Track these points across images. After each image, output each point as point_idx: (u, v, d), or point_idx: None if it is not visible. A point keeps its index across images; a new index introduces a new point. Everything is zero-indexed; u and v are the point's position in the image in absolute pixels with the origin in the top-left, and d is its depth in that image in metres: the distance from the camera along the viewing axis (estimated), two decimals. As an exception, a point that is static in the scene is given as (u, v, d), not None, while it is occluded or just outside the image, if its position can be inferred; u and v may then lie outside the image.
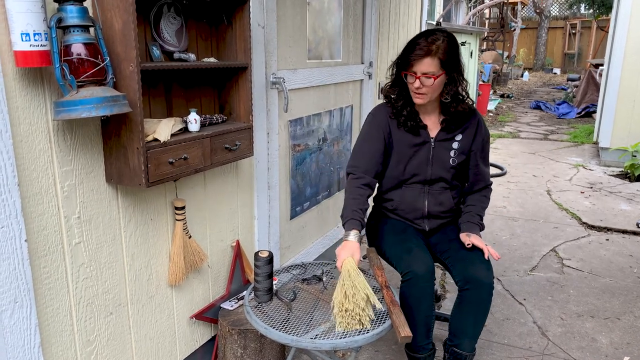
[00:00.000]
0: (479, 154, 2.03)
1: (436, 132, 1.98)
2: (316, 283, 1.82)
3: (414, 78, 1.85)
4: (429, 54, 1.80)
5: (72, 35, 1.30)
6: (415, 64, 1.82)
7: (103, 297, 1.59)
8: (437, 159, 1.98)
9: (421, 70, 1.81)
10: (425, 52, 1.80)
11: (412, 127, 1.96)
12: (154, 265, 1.77)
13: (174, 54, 1.68)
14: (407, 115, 1.96)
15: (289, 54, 2.43)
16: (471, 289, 1.85)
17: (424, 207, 2.03)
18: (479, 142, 2.01)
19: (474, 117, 2.01)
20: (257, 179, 2.26)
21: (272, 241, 2.44)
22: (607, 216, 4.05)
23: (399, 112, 1.98)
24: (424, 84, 1.83)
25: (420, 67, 1.81)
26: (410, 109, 1.96)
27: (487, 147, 2.06)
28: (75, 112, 1.26)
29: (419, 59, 1.81)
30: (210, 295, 2.07)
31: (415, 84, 1.84)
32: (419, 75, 1.82)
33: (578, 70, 18.09)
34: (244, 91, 1.89)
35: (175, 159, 1.57)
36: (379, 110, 2.04)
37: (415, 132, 1.97)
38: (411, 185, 2.02)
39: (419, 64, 1.81)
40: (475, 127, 1.99)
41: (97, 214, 1.53)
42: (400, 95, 1.98)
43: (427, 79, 1.82)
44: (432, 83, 1.83)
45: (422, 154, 1.98)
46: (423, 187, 2.01)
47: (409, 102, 1.97)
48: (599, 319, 2.57)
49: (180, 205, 1.79)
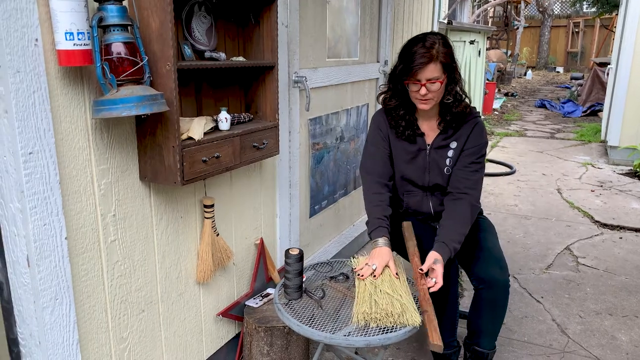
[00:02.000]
0: (469, 157, 1.91)
1: (433, 137, 1.95)
2: (344, 281, 1.83)
3: (418, 86, 1.78)
4: (432, 59, 1.74)
5: (112, 34, 1.31)
6: (419, 72, 1.75)
7: (136, 294, 1.60)
8: (433, 165, 1.96)
9: (426, 77, 1.76)
10: (428, 59, 1.74)
11: (409, 135, 1.94)
12: (183, 263, 1.79)
13: (205, 53, 1.69)
14: (405, 125, 1.93)
15: (310, 53, 2.44)
16: (486, 288, 1.86)
17: (429, 209, 2.03)
18: (470, 146, 1.92)
19: (471, 121, 1.94)
20: (280, 177, 2.27)
21: (292, 239, 2.45)
22: (619, 214, 4.06)
23: (397, 123, 1.95)
24: (430, 89, 1.78)
25: (424, 74, 1.75)
26: (409, 117, 1.93)
27: (479, 154, 1.93)
28: (116, 111, 1.27)
29: (423, 67, 1.74)
30: (235, 292, 2.08)
31: (422, 91, 1.78)
32: (424, 83, 1.76)
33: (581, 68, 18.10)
34: (271, 90, 1.90)
35: (208, 157, 1.58)
36: (379, 117, 2.02)
37: (412, 140, 1.95)
38: (413, 191, 2.02)
39: (423, 71, 1.75)
40: (469, 131, 1.93)
41: (131, 212, 1.54)
42: (400, 105, 1.94)
43: (432, 84, 1.77)
44: (438, 88, 1.79)
45: (418, 161, 1.97)
46: (424, 193, 2.01)
47: (410, 110, 1.94)
48: (617, 317, 2.58)
49: (209, 203, 1.80)
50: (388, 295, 1.63)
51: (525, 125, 8.49)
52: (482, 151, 1.95)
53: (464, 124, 1.93)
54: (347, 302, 1.70)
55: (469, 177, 1.91)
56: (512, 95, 12.27)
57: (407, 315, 1.57)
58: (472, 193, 1.91)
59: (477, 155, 1.92)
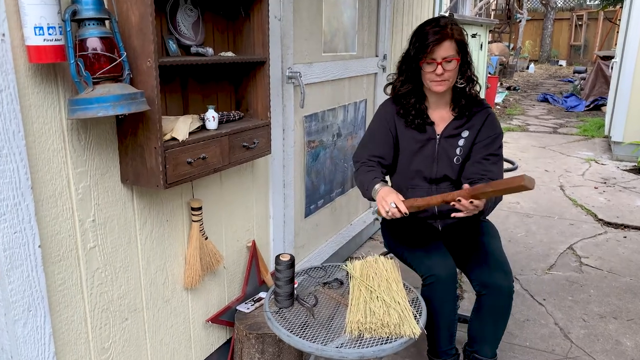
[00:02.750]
0: (483, 150, 1.87)
1: (443, 127, 1.90)
2: (338, 287, 1.75)
3: (434, 65, 1.76)
4: (447, 37, 1.74)
5: (87, 28, 1.22)
6: (435, 50, 1.74)
7: (118, 302, 1.53)
8: (443, 155, 1.90)
9: (441, 55, 1.74)
10: (443, 36, 1.73)
11: (419, 124, 1.89)
12: (170, 268, 1.71)
13: (191, 48, 1.60)
14: (415, 114, 1.89)
15: (304, 47, 2.35)
16: (489, 294, 1.79)
17: (433, 207, 1.95)
18: (484, 136, 1.87)
19: (484, 111, 1.91)
20: (273, 177, 2.18)
21: (286, 240, 2.37)
22: (623, 212, 3.97)
23: (408, 111, 1.90)
24: (446, 68, 1.76)
25: (440, 51, 1.74)
26: (419, 106, 1.89)
27: (494, 146, 1.88)
28: (91, 111, 1.19)
29: (439, 43, 1.73)
30: (226, 297, 2.00)
31: (438, 70, 1.75)
32: (440, 61, 1.74)
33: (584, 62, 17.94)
34: (262, 87, 1.82)
35: (193, 158, 1.50)
36: (386, 107, 1.98)
37: (421, 129, 1.90)
38: (418, 185, 1.94)
39: (439, 49, 1.74)
40: (482, 120, 1.88)
41: (112, 217, 1.46)
42: (410, 93, 1.90)
43: (448, 63, 1.75)
44: (454, 67, 1.77)
45: (427, 151, 1.91)
46: (430, 187, 1.94)
47: (420, 98, 1.90)
48: (622, 321, 2.50)
49: (196, 205, 1.72)
50: (384, 304, 1.55)
51: (527, 120, 8.38)
52: (499, 142, 1.90)
53: (477, 113, 1.89)
54: (340, 310, 1.63)
55: (489, 169, 1.85)
56: (515, 89, 12.15)
57: (404, 325, 1.49)
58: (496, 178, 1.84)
59: (494, 146, 1.88)
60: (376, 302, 1.55)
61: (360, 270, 1.77)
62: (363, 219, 3.28)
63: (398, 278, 1.74)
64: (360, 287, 1.65)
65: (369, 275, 1.72)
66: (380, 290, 1.61)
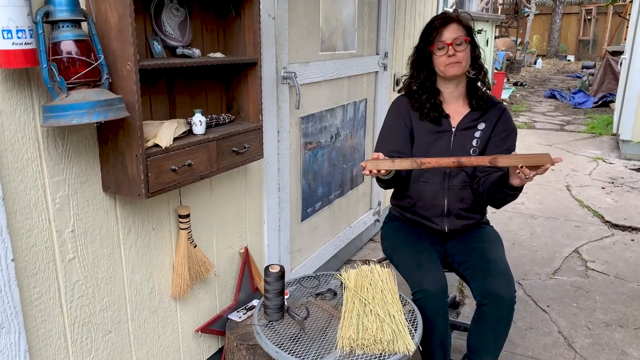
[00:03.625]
0: (500, 143, 1.86)
1: (459, 120, 1.89)
2: (331, 298, 1.68)
3: (445, 48, 1.79)
4: (454, 20, 1.81)
5: (61, 31, 1.16)
6: (444, 32, 1.79)
7: (100, 315, 1.47)
8: (458, 148, 1.88)
9: (451, 37, 1.79)
10: (449, 19, 1.81)
11: (435, 117, 1.89)
12: (157, 277, 1.65)
13: (177, 50, 1.53)
14: (430, 107, 1.89)
15: (301, 46, 2.27)
16: (490, 304, 1.72)
17: (443, 203, 1.89)
18: (500, 130, 1.88)
19: (499, 106, 1.93)
20: (267, 180, 2.12)
21: (282, 245, 2.30)
22: (631, 214, 3.87)
23: (422, 105, 1.90)
24: (457, 49, 1.79)
25: (449, 33, 1.79)
26: (434, 100, 1.89)
27: (510, 141, 1.89)
28: (64, 119, 1.13)
29: (445, 26, 1.79)
30: (217, 305, 1.94)
31: (449, 52, 1.78)
32: (450, 42, 1.78)
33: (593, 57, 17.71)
34: (253, 88, 1.75)
35: (178, 165, 1.43)
36: (400, 100, 1.99)
37: (437, 121, 1.90)
38: (431, 180, 1.89)
39: (447, 31, 1.79)
40: (498, 114, 1.90)
41: (93, 227, 1.40)
42: (423, 87, 1.91)
43: (459, 44, 1.79)
44: (465, 47, 1.81)
45: (442, 143, 1.88)
46: (442, 183, 1.89)
47: (433, 93, 1.90)
48: (628, 329, 2.42)
49: (184, 213, 1.65)
50: (378, 318, 1.48)
51: (534, 117, 8.26)
52: (514, 137, 1.91)
53: (492, 107, 1.90)
54: (333, 324, 1.56)
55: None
56: (522, 85, 11.99)
57: (398, 341, 1.42)
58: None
59: (510, 141, 1.88)
60: (370, 316, 1.48)
61: (355, 280, 1.70)
62: (363, 221, 3.21)
63: (394, 289, 1.67)
64: (354, 299, 1.58)
65: (363, 286, 1.66)
66: (375, 303, 1.54)
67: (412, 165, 1.51)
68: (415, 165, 1.50)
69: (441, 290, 1.72)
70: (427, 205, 1.93)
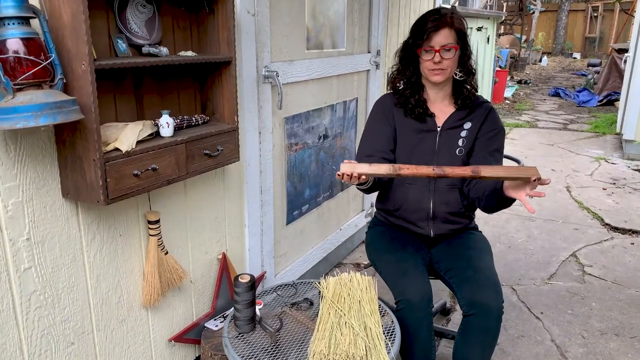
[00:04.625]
0: (487, 144, 1.79)
1: (444, 119, 1.82)
2: (307, 308, 1.61)
3: (432, 53, 1.71)
4: (446, 24, 1.70)
5: (7, 29, 1.09)
6: (433, 37, 1.70)
7: (62, 326, 1.40)
8: (444, 148, 1.81)
9: (440, 43, 1.70)
10: (442, 23, 1.70)
11: (419, 114, 1.81)
12: (125, 285, 1.58)
13: (143, 48, 1.46)
14: (414, 103, 1.82)
15: (284, 44, 2.19)
16: (477, 314, 1.64)
17: (429, 206, 1.82)
18: (486, 130, 1.80)
19: (485, 105, 1.85)
20: (248, 183, 2.04)
21: (265, 250, 2.23)
22: (632, 216, 3.78)
23: (407, 100, 1.83)
24: (444, 57, 1.71)
25: (438, 39, 1.70)
26: (418, 97, 1.82)
27: (498, 142, 1.82)
28: (8, 122, 1.06)
29: (437, 31, 1.70)
30: (193, 313, 1.87)
31: (435, 59, 1.70)
32: (438, 49, 1.70)
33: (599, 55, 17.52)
34: (228, 88, 1.67)
35: (141, 170, 1.36)
36: (384, 99, 1.92)
37: (421, 119, 1.82)
38: (415, 181, 1.82)
39: (437, 36, 1.70)
40: (484, 114, 1.82)
41: (52, 234, 1.33)
42: (408, 83, 1.84)
43: (447, 51, 1.70)
44: (453, 55, 1.72)
45: (427, 143, 1.82)
46: (428, 185, 1.81)
47: (417, 89, 1.83)
48: (624, 338, 2.33)
49: (153, 218, 1.58)
50: (352, 331, 1.41)
51: (537, 116, 8.14)
52: (502, 137, 1.83)
53: (479, 106, 1.83)
54: (307, 336, 1.49)
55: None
56: (525, 83, 11.86)
57: (372, 357, 1.35)
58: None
59: (497, 141, 1.80)
60: (343, 329, 1.41)
61: (333, 289, 1.63)
62: (355, 223, 3.13)
63: (373, 299, 1.60)
64: (329, 310, 1.51)
65: (341, 296, 1.58)
66: (351, 315, 1.47)
67: (389, 171, 1.43)
68: (392, 170, 1.42)
69: (425, 300, 1.65)
70: (412, 209, 1.86)
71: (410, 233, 1.91)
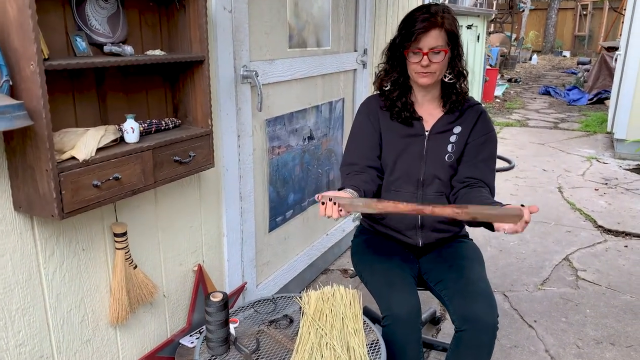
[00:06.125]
0: (478, 150, 1.69)
1: (433, 123, 1.71)
2: (286, 326, 1.50)
3: (420, 55, 1.59)
4: (436, 25, 1.58)
5: (-60, 24, 0.97)
6: (422, 38, 1.58)
7: (16, 350, 1.28)
8: (432, 153, 1.70)
9: (428, 45, 1.58)
10: (431, 24, 1.57)
11: (406, 118, 1.71)
12: (90, 303, 1.46)
13: (104, 47, 1.34)
14: (401, 107, 1.71)
15: (264, 42, 2.08)
16: (470, 329, 1.54)
17: (417, 215, 1.71)
18: (477, 135, 1.70)
19: (476, 107, 1.74)
20: (226, 189, 1.93)
21: (245, 259, 2.12)
22: (625, 218, 3.71)
23: (393, 103, 1.72)
24: (433, 60, 1.59)
25: (427, 41, 1.58)
26: (405, 99, 1.71)
27: (489, 148, 1.72)
28: (-59, 130, 0.94)
29: (426, 32, 1.57)
30: (167, 329, 1.76)
31: (423, 62, 1.59)
32: (426, 52, 1.58)
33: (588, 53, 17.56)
34: (201, 89, 1.56)
35: (102, 180, 1.24)
36: (369, 101, 1.81)
37: (408, 123, 1.71)
38: (402, 188, 1.71)
39: (426, 38, 1.58)
40: (475, 117, 1.72)
41: (2, 251, 1.21)
42: (395, 84, 1.72)
43: (436, 54, 1.59)
44: (442, 58, 1.60)
45: (414, 148, 1.71)
46: (416, 192, 1.71)
47: (405, 91, 1.72)
48: (620, 348, 2.25)
49: (119, 231, 1.47)
50: (334, 354, 1.30)
51: (527, 114, 8.09)
52: (494, 143, 1.73)
53: (469, 108, 1.72)
54: (285, 358, 1.38)
55: (486, 177, 1.68)
56: (516, 81, 11.82)
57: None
58: (492, 188, 1.69)
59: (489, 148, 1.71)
60: (324, 351, 1.30)
61: (315, 304, 1.52)
62: (342, 228, 3.03)
63: (358, 314, 1.49)
64: (310, 329, 1.40)
65: (323, 312, 1.48)
66: (333, 335, 1.36)
67: (369, 205, 1.33)
68: (373, 205, 1.33)
69: (413, 314, 1.55)
70: (400, 217, 1.76)
71: (398, 242, 1.81)
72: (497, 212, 1.32)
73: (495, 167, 1.75)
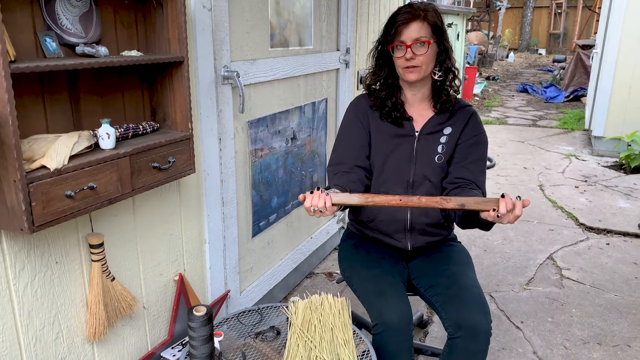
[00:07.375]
0: (468, 151, 1.66)
1: (423, 123, 1.68)
2: (273, 339, 1.44)
3: (404, 49, 1.57)
4: (418, 17, 1.57)
5: None
6: (404, 31, 1.56)
7: (-16, 373, 1.20)
8: (422, 154, 1.66)
9: (411, 38, 1.56)
10: (413, 16, 1.57)
11: (396, 118, 1.67)
12: (65, 319, 1.38)
13: (77, 48, 1.26)
14: (391, 107, 1.67)
15: (245, 42, 2.01)
16: (463, 337, 1.50)
17: (406, 217, 1.68)
18: (468, 136, 1.67)
19: (467, 109, 1.71)
20: (207, 195, 1.86)
21: (228, 266, 2.05)
22: (606, 215, 3.73)
23: (383, 103, 1.68)
24: (417, 52, 1.56)
25: (409, 33, 1.56)
26: (395, 99, 1.67)
27: (480, 150, 1.68)
28: None
29: (407, 24, 1.56)
30: (147, 342, 1.68)
31: (407, 55, 1.56)
32: (409, 44, 1.56)
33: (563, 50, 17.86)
34: (180, 92, 1.49)
35: (75, 190, 1.17)
36: (359, 100, 1.76)
37: (398, 123, 1.68)
38: (392, 189, 1.68)
39: (408, 30, 1.56)
40: (466, 118, 1.69)
41: (-33, 268, 1.13)
42: (384, 85, 1.69)
43: (420, 46, 1.56)
44: (425, 51, 1.56)
45: (404, 149, 1.67)
46: (406, 193, 1.67)
47: (394, 91, 1.68)
48: (607, 347, 2.24)
49: (95, 242, 1.39)
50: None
51: (506, 112, 8.15)
52: (485, 145, 1.69)
53: (460, 109, 1.68)
54: (273, 371, 1.32)
55: (478, 178, 1.64)
56: (494, 79, 11.93)
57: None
58: (483, 189, 1.64)
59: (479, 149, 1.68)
60: (314, 364, 1.25)
61: (303, 314, 1.47)
62: (326, 230, 2.98)
63: (347, 324, 1.44)
64: (298, 341, 1.35)
65: (311, 323, 1.42)
66: (322, 347, 1.31)
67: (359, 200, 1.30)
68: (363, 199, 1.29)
69: (405, 321, 1.50)
70: (388, 220, 1.71)
71: (387, 246, 1.76)
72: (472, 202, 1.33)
73: (486, 169, 1.71)
